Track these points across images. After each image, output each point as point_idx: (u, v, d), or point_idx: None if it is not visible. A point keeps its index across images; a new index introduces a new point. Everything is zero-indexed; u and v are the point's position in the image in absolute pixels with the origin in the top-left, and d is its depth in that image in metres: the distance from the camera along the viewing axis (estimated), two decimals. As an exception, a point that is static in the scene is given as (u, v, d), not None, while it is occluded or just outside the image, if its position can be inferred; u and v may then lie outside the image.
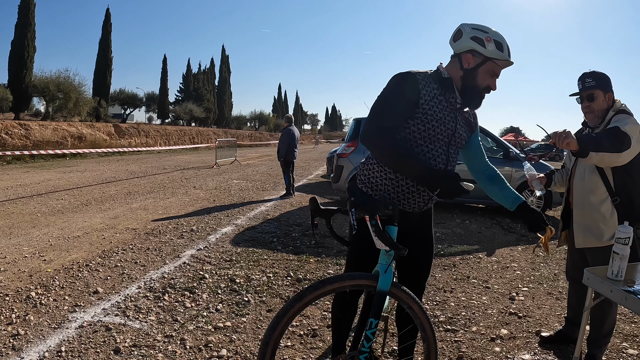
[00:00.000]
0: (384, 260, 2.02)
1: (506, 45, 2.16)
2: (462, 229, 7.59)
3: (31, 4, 26.49)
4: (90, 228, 6.60)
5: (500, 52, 2.14)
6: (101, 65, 33.68)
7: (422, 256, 2.46)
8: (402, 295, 2.09)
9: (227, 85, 56.87)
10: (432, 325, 2.12)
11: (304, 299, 1.97)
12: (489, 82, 2.20)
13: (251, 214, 8.23)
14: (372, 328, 2.02)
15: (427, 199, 2.29)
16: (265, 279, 4.63)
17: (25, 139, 20.48)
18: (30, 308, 3.75)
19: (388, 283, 2.02)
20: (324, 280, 2.03)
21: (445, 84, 2.19)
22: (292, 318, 1.99)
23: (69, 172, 14.57)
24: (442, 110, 2.17)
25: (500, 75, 2.23)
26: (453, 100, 2.22)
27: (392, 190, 2.25)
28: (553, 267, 5.53)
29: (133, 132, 30.62)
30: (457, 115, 2.24)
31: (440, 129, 2.16)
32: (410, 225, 2.31)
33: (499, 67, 2.19)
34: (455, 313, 3.97)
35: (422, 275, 2.50)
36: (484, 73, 2.17)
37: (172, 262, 5.11)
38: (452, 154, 2.29)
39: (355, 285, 2.06)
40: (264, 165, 20.03)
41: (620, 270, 2.36)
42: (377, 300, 2.01)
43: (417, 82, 2.13)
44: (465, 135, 2.32)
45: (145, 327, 3.47)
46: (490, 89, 2.23)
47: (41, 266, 4.79)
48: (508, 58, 2.17)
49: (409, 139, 2.17)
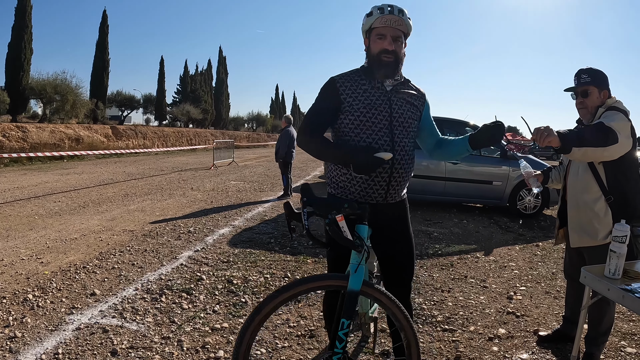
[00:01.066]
0: (355, 260, 2.04)
1: (377, 7, 2.26)
2: (459, 229, 7.60)
3: (28, 6, 26.41)
4: (87, 230, 6.59)
5: (371, 17, 2.27)
6: (98, 67, 33.59)
7: (401, 254, 2.45)
8: (376, 293, 2.09)
9: (225, 86, 56.77)
10: (406, 315, 2.10)
11: (274, 301, 2.00)
12: (380, 45, 2.29)
13: (248, 215, 8.22)
14: (344, 329, 2.01)
15: (385, 185, 2.30)
16: (262, 280, 4.62)
17: (22, 141, 20.41)
18: (28, 310, 3.74)
19: (359, 282, 2.03)
20: (295, 282, 2.05)
21: (367, 72, 2.35)
22: (264, 320, 2.01)
23: (66, 174, 14.55)
24: (370, 97, 2.30)
25: (397, 35, 2.29)
26: (379, 84, 2.32)
27: (349, 184, 2.33)
28: (551, 266, 5.53)
29: (130, 133, 30.57)
30: (390, 98, 2.32)
31: (372, 114, 2.27)
32: (384, 223, 2.35)
33: (381, 28, 2.28)
34: (453, 313, 3.97)
35: (404, 274, 2.49)
36: (373, 42, 2.32)
37: (170, 263, 5.10)
38: (399, 137, 2.31)
39: (326, 285, 2.09)
40: (261, 166, 20.02)
41: (618, 268, 2.36)
42: (348, 300, 2.02)
43: (335, 83, 2.33)
44: (408, 114, 2.36)
45: (142, 328, 3.46)
46: (386, 51, 2.28)
47: (38, 268, 4.78)
48: (380, 14, 2.24)
49: (347, 131, 2.31)
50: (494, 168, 9.06)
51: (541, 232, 7.68)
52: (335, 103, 2.31)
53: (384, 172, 2.26)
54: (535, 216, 8.93)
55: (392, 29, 2.26)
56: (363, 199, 2.32)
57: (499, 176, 8.98)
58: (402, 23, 2.26)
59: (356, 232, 2.07)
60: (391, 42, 2.27)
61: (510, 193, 8.92)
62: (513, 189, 8.89)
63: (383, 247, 2.45)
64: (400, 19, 2.24)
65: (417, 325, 3.66)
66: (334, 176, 2.42)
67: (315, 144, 2.30)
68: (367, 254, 2.05)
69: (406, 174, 2.36)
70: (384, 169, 2.24)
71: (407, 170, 2.36)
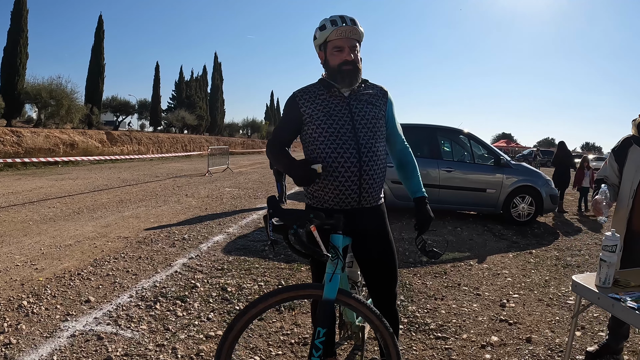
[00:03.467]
0: (329, 269, 2.07)
1: (329, 20, 2.32)
2: (453, 236, 7.63)
3: (24, 10, 26.42)
4: (82, 236, 6.59)
5: (325, 31, 2.32)
6: (93, 72, 33.56)
7: (382, 261, 2.46)
8: (352, 302, 2.11)
9: (220, 92, 56.74)
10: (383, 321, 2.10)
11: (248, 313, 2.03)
12: (339, 58, 2.34)
13: (243, 222, 8.23)
14: (320, 337, 2.03)
15: (356, 189, 2.32)
16: (256, 288, 4.64)
17: (17, 146, 20.37)
18: (22, 317, 3.74)
19: (334, 291, 2.05)
20: (272, 292, 2.08)
21: (324, 84, 2.42)
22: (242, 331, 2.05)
23: (61, 179, 14.52)
24: (328, 106, 2.36)
25: (353, 44, 2.36)
26: (337, 92, 2.38)
27: (322, 192, 2.38)
28: (544, 273, 5.57)
29: (125, 139, 30.53)
30: (350, 103, 2.37)
31: (333, 121, 2.32)
32: (362, 230, 2.38)
33: (337, 40, 2.33)
34: (446, 320, 4.00)
35: (387, 281, 2.49)
36: (330, 55, 2.37)
37: (164, 270, 5.11)
38: (364, 140, 2.33)
39: (302, 295, 2.12)
40: (256, 173, 20.04)
41: (608, 277, 2.39)
42: (323, 309, 2.05)
43: (295, 98, 2.43)
44: (370, 115, 2.38)
45: (137, 336, 3.47)
46: (347, 62, 2.33)
47: (33, 275, 4.78)
48: (333, 27, 2.29)
49: (312, 141, 2.38)
50: (488, 176, 9.12)
51: (534, 239, 7.73)
52: (297, 117, 2.40)
53: (352, 176, 2.28)
54: (529, 224, 8.98)
55: (348, 39, 2.33)
56: (338, 206, 2.35)
57: (492, 184, 9.04)
58: (356, 32, 2.33)
59: (330, 242, 2.10)
60: (349, 52, 2.33)
61: (504, 200, 8.97)
62: (507, 196, 8.96)
63: (363, 254, 2.46)
64: (353, 28, 2.30)
65: (410, 333, 3.68)
66: (308, 187, 2.46)
67: (274, 155, 2.43)
68: (341, 262, 2.07)
69: (377, 176, 2.37)
70: (352, 173, 2.27)
71: (378, 172, 2.37)
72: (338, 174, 2.28)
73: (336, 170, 2.27)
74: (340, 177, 2.28)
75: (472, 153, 9.63)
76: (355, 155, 2.28)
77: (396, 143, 2.56)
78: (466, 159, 9.72)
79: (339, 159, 2.27)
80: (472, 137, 9.62)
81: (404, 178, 2.56)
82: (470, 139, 9.63)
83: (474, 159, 9.55)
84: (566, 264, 6.12)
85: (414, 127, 9.40)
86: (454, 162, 9.45)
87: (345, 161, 2.26)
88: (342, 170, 2.27)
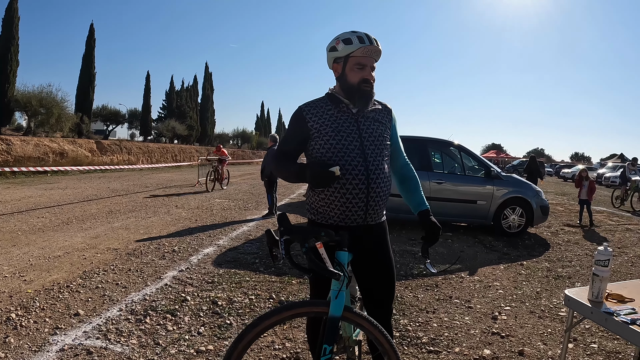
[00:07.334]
0: (335, 286, 2.05)
1: (356, 36, 2.28)
2: (444, 248, 7.64)
3: (15, 18, 26.40)
4: (71, 247, 6.52)
5: (350, 45, 2.28)
6: (84, 80, 33.50)
7: (382, 278, 2.46)
8: (357, 318, 2.10)
9: (210, 102, 56.68)
10: (389, 339, 2.09)
11: (255, 329, 1.99)
12: (360, 75, 2.32)
13: (233, 234, 8.19)
14: (326, 354, 2.02)
15: (363, 206, 2.31)
16: (247, 301, 4.60)
17: (6, 154, 20.20)
18: (10, 330, 3.68)
19: (340, 308, 2.04)
20: (276, 309, 2.05)
21: (332, 99, 2.39)
22: (247, 347, 2.01)
23: (50, 189, 14.40)
24: (336, 121, 2.34)
25: (374, 65, 2.36)
26: (345, 108, 2.36)
27: (328, 209, 2.35)
28: (535, 285, 5.58)
29: (115, 148, 30.38)
30: (358, 119, 2.36)
31: (341, 137, 2.30)
32: (365, 247, 2.37)
33: (362, 58, 2.31)
34: (438, 334, 3.99)
35: (385, 298, 2.49)
36: (350, 71, 2.33)
37: (154, 283, 5.06)
38: (372, 157, 2.33)
39: (307, 312, 2.10)
40: (246, 184, 19.98)
41: (600, 291, 2.40)
42: (330, 326, 2.03)
43: (302, 112, 2.39)
44: (377, 132, 2.39)
45: (126, 350, 3.43)
46: (367, 81, 2.33)
47: (21, 287, 4.72)
48: (361, 44, 2.27)
49: (319, 157, 2.34)
50: (479, 187, 9.16)
51: (525, 250, 7.76)
52: (303, 131, 2.38)
53: (360, 193, 2.28)
54: (520, 235, 9.02)
55: (371, 59, 2.33)
56: (343, 222, 2.34)
57: (483, 195, 9.08)
58: (379, 54, 2.34)
59: (336, 258, 2.09)
60: (370, 72, 2.33)
61: (494, 212, 9.01)
62: (497, 208, 9.00)
63: (364, 271, 2.45)
64: (378, 50, 2.31)
65: (402, 347, 3.67)
66: (312, 202, 2.44)
67: (282, 165, 2.39)
68: (347, 279, 2.06)
69: (383, 193, 2.37)
70: (360, 190, 2.26)
71: (384, 188, 2.37)
72: (345, 191, 2.27)
73: (344, 187, 2.26)
74: (348, 194, 2.27)
75: (463, 165, 9.68)
76: (364, 172, 2.27)
77: (398, 159, 2.57)
78: (457, 171, 9.76)
79: (347, 175, 2.26)
80: (463, 149, 9.68)
81: (406, 192, 2.56)
82: (460, 151, 9.69)
83: (464, 171, 9.60)
84: (557, 275, 6.14)
85: (405, 139, 9.34)
86: (444, 174, 9.48)
87: (353, 178, 2.26)
88: (350, 187, 2.26)
